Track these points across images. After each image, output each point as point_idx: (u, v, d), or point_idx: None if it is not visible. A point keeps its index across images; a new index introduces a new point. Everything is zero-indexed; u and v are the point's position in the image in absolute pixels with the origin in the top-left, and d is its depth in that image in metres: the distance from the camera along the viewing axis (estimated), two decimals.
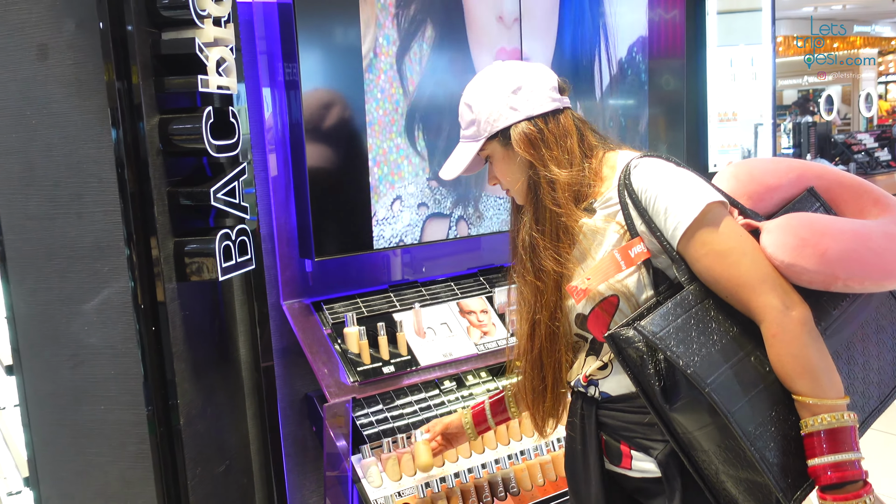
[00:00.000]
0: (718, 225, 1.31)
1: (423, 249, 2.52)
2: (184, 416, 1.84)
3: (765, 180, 1.46)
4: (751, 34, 3.46)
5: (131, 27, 1.68)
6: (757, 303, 1.28)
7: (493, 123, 1.48)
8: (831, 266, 1.27)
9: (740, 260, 1.29)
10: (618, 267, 1.37)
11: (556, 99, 1.49)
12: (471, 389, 2.33)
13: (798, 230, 1.29)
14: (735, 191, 1.45)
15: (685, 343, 1.27)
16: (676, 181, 1.35)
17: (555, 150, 1.46)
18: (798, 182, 1.47)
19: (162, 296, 1.78)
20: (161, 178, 1.76)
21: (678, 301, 1.31)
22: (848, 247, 1.28)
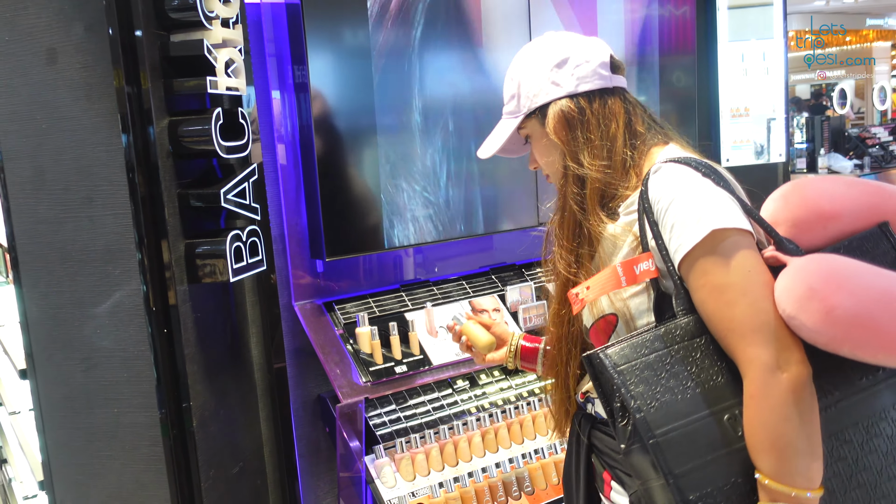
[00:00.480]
0: (725, 254, 1.11)
1: (434, 249, 2.51)
2: (197, 418, 1.84)
3: (819, 206, 1.18)
4: (762, 29, 3.43)
5: (140, 31, 1.68)
6: (744, 354, 1.08)
7: (532, 99, 1.34)
8: (836, 328, 1.02)
9: (737, 300, 1.09)
10: (617, 282, 1.21)
11: (605, 76, 1.32)
12: (484, 388, 2.32)
13: (811, 277, 1.05)
14: (779, 215, 1.19)
15: (648, 383, 1.10)
16: (692, 195, 1.15)
17: (593, 135, 1.29)
18: (869, 213, 1.19)
19: (174, 298, 1.78)
20: (171, 181, 1.76)
21: (660, 334, 1.14)
22: (865, 308, 1.02)
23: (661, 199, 1.17)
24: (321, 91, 2.11)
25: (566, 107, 1.31)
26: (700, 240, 1.11)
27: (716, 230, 1.11)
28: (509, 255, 2.69)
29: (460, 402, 2.27)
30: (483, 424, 2.24)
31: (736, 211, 1.14)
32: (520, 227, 2.58)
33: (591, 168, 1.27)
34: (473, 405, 2.27)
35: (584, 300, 1.25)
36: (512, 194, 2.53)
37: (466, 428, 2.22)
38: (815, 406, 1.06)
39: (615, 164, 1.28)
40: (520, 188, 2.54)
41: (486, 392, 2.32)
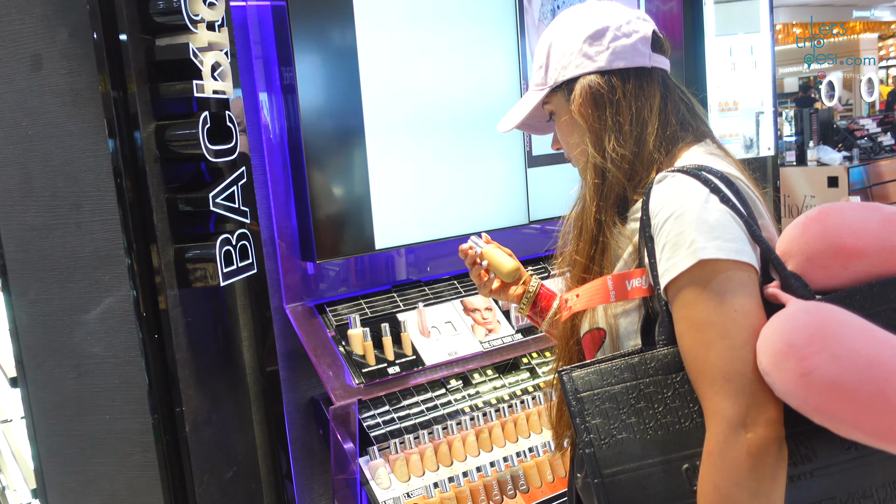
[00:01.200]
0: (712, 289, 0.98)
1: (425, 249, 2.51)
2: (189, 423, 1.83)
3: (840, 241, 1.02)
4: (749, 23, 3.44)
5: (125, 35, 1.67)
6: (710, 402, 0.97)
7: (560, 71, 1.21)
8: (809, 394, 0.89)
9: (715, 342, 0.97)
10: (606, 296, 1.11)
11: (644, 54, 1.18)
12: (477, 388, 2.32)
13: (794, 331, 0.92)
14: (794, 245, 1.05)
15: (607, 417, 1.00)
16: (690, 215, 1.02)
17: (622, 118, 1.16)
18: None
19: (164, 303, 1.78)
20: (159, 186, 1.76)
21: (633, 363, 1.04)
22: (845, 378, 0.87)
23: (658, 213, 1.06)
24: (309, 92, 2.11)
25: (596, 83, 1.18)
26: (688, 268, 1.00)
27: (706, 260, 0.99)
28: None
29: (454, 402, 2.27)
30: (477, 423, 2.24)
31: (738, 238, 1.01)
32: (511, 225, 2.58)
33: (614, 158, 1.15)
34: (467, 404, 2.27)
35: (570, 308, 1.17)
36: (502, 193, 2.53)
37: (460, 427, 2.22)
38: (778, 475, 0.94)
39: (641, 156, 1.16)
40: (511, 185, 2.55)
41: (480, 391, 2.32)
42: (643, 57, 1.19)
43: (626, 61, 1.18)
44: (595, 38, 1.18)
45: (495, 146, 2.50)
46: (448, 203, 2.41)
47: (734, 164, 1.17)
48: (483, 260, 1.53)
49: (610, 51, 1.18)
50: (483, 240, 1.55)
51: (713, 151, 1.18)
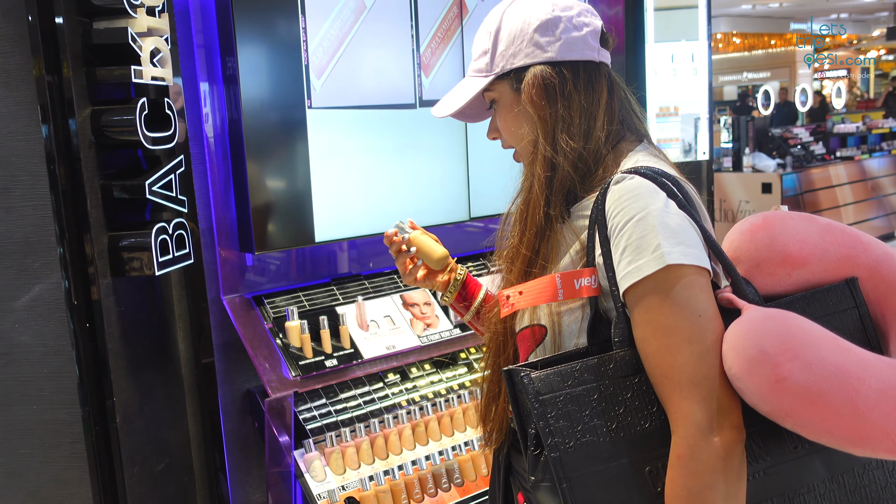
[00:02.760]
0: (677, 294, 0.99)
1: (365, 243, 2.52)
2: (120, 414, 1.81)
3: (787, 250, 1.07)
4: (689, 30, 3.53)
5: (61, 18, 1.64)
6: (677, 407, 0.98)
7: (509, 59, 1.18)
8: (783, 400, 0.92)
9: (682, 346, 0.98)
10: (554, 294, 1.10)
11: (594, 48, 1.17)
12: (415, 382, 2.34)
13: (766, 338, 0.94)
14: (742, 251, 1.08)
15: (570, 419, 0.99)
16: (652, 219, 1.02)
17: (573, 111, 1.15)
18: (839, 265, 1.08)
19: (96, 292, 1.75)
20: (94, 172, 1.73)
21: (592, 365, 1.03)
22: (818, 385, 0.91)
23: (617, 215, 1.05)
24: (251, 83, 2.09)
25: (548, 73, 1.15)
26: (653, 272, 1.00)
27: (672, 266, 0.99)
28: None
29: (391, 396, 2.28)
30: (413, 417, 2.26)
31: (697, 244, 1.03)
32: (452, 221, 2.60)
33: (565, 151, 1.13)
34: (404, 398, 2.29)
35: (513, 305, 1.15)
36: (444, 188, 2.55)
37: (397, 421, 2.23)
38: (743, 475, 0.97)
39: (590, 151, 1.15)
40: (452, 182, 2.57)
41: (417, 385, 2.34)
42: (592, 51, 1.17)
43: (577, 54, 1.16)
44: (547, 27, 1.16)
45: (437, 142, 2.51)
46: (389, 198, 2.42)
47: (674, 167, 1.18)
48: (411, 247, 1.48)
49: (562, 42, 1.15)
50: (408, 225, 1.50)
51: (656, 154, 1.18)
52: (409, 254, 1.48)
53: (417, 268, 1.49)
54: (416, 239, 1.47)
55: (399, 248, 1.49)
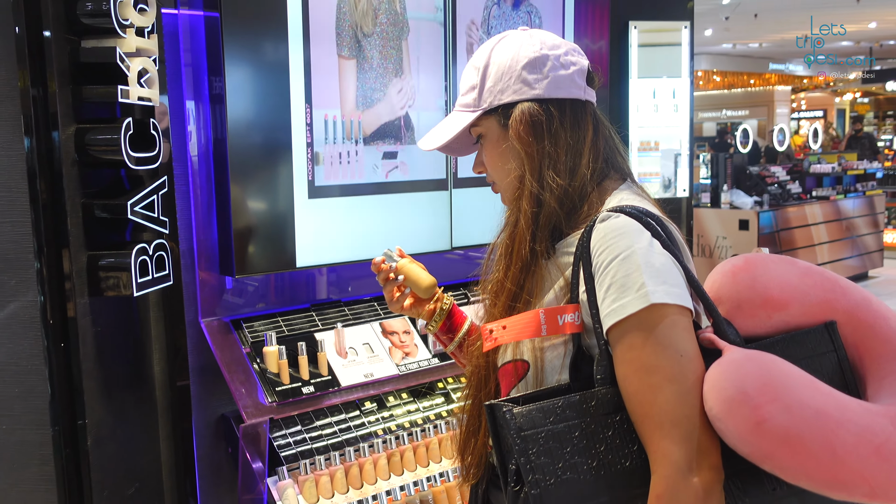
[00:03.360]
0: (660, 333, 1.00)
1: (347, 269, 2.51)
2: (92, 436, 1.78)
3: (768, 292, 1.08)
4: (672, 67, 3.59)
5: (49, 33, 1.63)
6: (657, 446, 0.98)
7: (497, 95, 1.19)
8: (763, 442, 0.93)
9: (663, 386, 0.99)
10: (537, 329, 1.10)
11: (580, 87, 1.19)
12: (392, 411, 2.32)
13: (746, 379, 0.95)
14: (724, 292, 1.10)
15: (552, 456, 0.99)
16: (637, 257, 1.03)
17: (560, 148, 1.16)
18: (818, 309, 1.08)
19: (73, 311, 1.72)
20: (76, 190, 1.71)
21: (574, 402, 1.02)
22: (797, 429, 0.92)
23: (602, 252, 1.06)
24: (237, 104, 2.09)
25: (535, 110, 1.16)
26: (636, 311, 1.01)
27: (656, 305, 1.01)
28: None
29: (367, 424, 2.26)
30: (389, 447, 2.24)
31: (680, 283, 1.04)
32: (434, 250, 2.60)
33: (552, 187, 1.15)
34: (380, 427, 2.27)
35: (496, 339, 1.15)
36: (427, 217, 2.55)
37: (372, 450, 2.21)
38: None
39: (576, 188, 1.16)
40: (435, 211, 2.57)
41: (394, 414, 2.32)
42: (579, 89, 1.19)
43: (564, 92, 1.18)
44: (535, 65, 1.18)
45: (421, 170, 2.52)
46: (372, 225, 2.41)
47: (657, 206, 1.20)
48: (398, 275, 1.46)
49: (549, 79, 1.17)
50: (396, 253, 1.48)
51: (639, 193, 1.20)
52: (397, 282, 1.48)
53: (405, 296, 1.49)
54: (405, 267, 1.46)
55: (387, 276, 1.48)
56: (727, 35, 14.38)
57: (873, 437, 0.94)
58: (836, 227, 8.32)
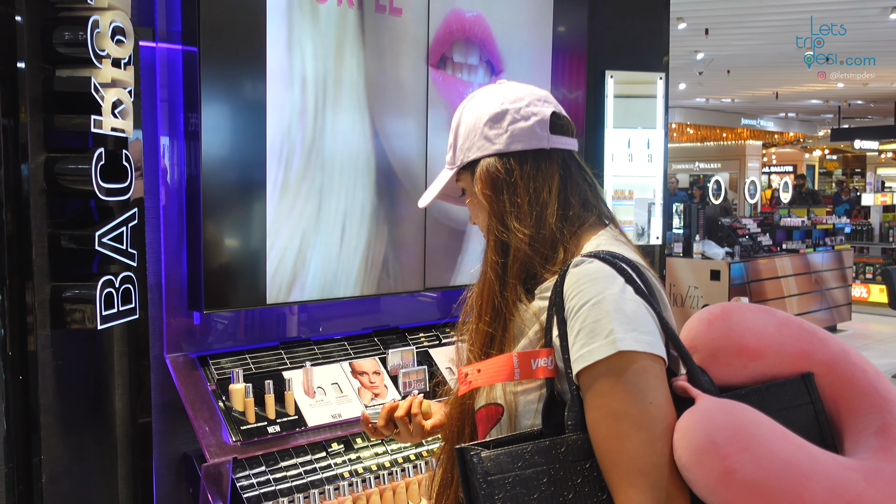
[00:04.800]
0: (629, 380, 0.99)
1: (317, 308, 2.48)
2: (47, 473, 1.72)
3: (743, 342, 1.07)
4: (647, 119, 3.65)
5: (23, 63, 1.62)
6: (624, 495, 0.97)
7: (465, 152, 1.25)
8: (731, 493, 0.91)
9: (631, 434, 0.98)
10: (510, 373, 1.10)
11: (542, 137, 1.22)
12: (359, 453, 2.28)
13: (715, 428, 0.94)
14: (699, 340, 1.09)
15: (517, 502, 0.98)
16: (607, 303, 1.03)
17: (520, 199, 1.19)
18: (795, 360, 1.07)
19: (33, 343, 1.68)
20: (43, 219, 1.69)
21: (544, 447, 1.01)
22: (766, 480, 0.90)
23: (574, 297, 1.06)
24: (212, 141, 2.08)
25: (494, 166, 1.21)
26: (604, 357, 1.00)
27: (624, 352, 1.00)
28: (393, 319, 2.69)
29: (334, 466, 2.22)
30: (356, 490, 2.19)
31: (652, 331, 1.04)
32: (406, 290, 2.59)
33: (518, 236, 1.17)
34: (347, 469, 2.22)
35: (470, 383, 1.15)
36: (399, 258, 2.54)
37: (338, 493, 2.16)
38: None
39: (543, 236, 1.17)
40: (408, 252, 2.56)
41: (361, 456, 2.28)
42: (541, 139, 1.22)
43: (523, 143, 1.21)
44: (495, 120, 1.22)
45: (396, 211, 2.52)
46: (344, 264, 2.40)
47: (637, 252, 1.20)
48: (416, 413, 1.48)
49: (508, 133, 1.21)
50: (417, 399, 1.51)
51: (619, 238, 1.20)
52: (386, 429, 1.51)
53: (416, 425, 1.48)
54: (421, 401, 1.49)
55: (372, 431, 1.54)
56: (700, 90, 14.71)
57: (844, 492, 0.92)
58: (806, 279, 8.44)
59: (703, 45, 10.13)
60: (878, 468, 0.96)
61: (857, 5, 8.15)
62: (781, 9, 8.42)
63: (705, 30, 9.09)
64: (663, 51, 3.67)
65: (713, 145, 19.31)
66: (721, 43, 10.18)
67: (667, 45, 3.70)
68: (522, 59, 2.87)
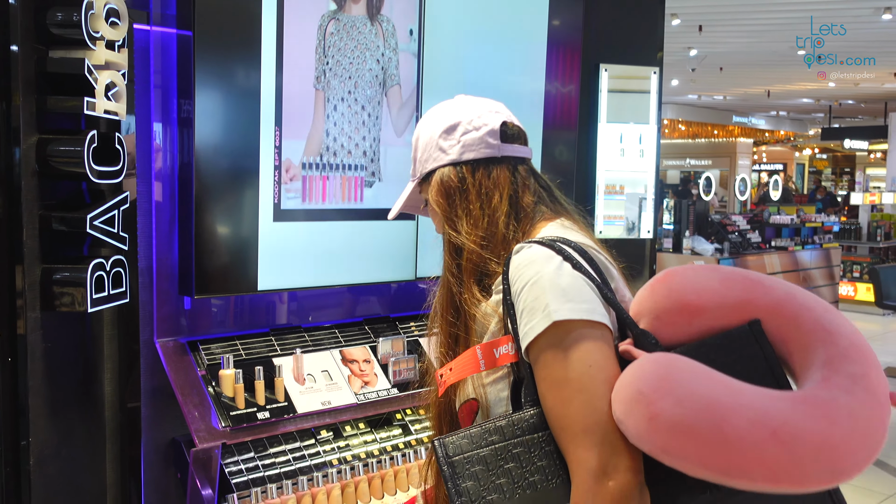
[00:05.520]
0: (566, 348, 1.05)
1: (308, 295, 2.48)
2: (35, 456, 1.72)
3: (683, 299, 1.09)
4: (640, 114, 3.65)
5: (16, 45, 1.61)
6: (573, 456, 1.02)
7: (423, 164, 1.34)
8: (657, 437, 0.94)
9: (573, 397, 1.03)
10: (476, 365, 1.17)
11: (493, 145, 1.29)
12: (348, 441, 2.28)
13: (641, 379, 0.98)
14: (644, 306, 1.12)
15: (478, 479, 1.02)
16: (544, 281, 1.10)
17: (472, 205, 1.26)
18: (739, 310, 1.07)
19: (23, 326, 1.68)
20: (34, 201, 1.68)
21: (500, 426, 1.07)
22: (687, 418, 0.93)
23: (517, 281, 1.13)
24: (205, 128, 2.07)
25: (447, 175, 1.30)
26: (542, 330, 1.07)
27: (558, 322, 1.06)
28: (384, 307, 2.69)
29: (322, 454, 2.22)
30: (344, 477, 2.19)
31: (589, 300, 1.09)
32: (397, 279, 2.59)
33: (469, 237, 1.24)
34: (335, 457, 2.23)
35: (444, 382, 1.22)
36: (391, 246, 2.54)
37: (326, 480, 2.17)
38: None
39: (496, 237, 1.24)
40: (400, 240, 2.57)
41: (350, 444, 2.28)
42: (492, 148, 1.30)
43: (475, 153, 1.29)
44: (448, 132, 1.31)
45: (388, 199, 2.52)
46: (336, 253, 2.40)
47: (589, 237, 1.26)
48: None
49: (460, 144, 1.30)
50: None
51: (566, 225, 1.27)
52: None
53: None
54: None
55: None
56: (693, 86, 14.73)
57: (768, 421, 0.92)
58: (794, 277, 8.48)
59: (696, 41, 10.15)
60: (810, 396, 0.95)
61: (851, 5, 8.17)
62: (775, 7, 8.44)
63: (699, 26, 9.10)
64: (658, 46, 3.67)
65: (704, 142, 19.37)
66: (714, 40, 10.20)
67: (661, 40, 3.71)
68: (516, 51, 2.87)
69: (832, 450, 0.90)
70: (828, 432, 0.91)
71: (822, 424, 0.92)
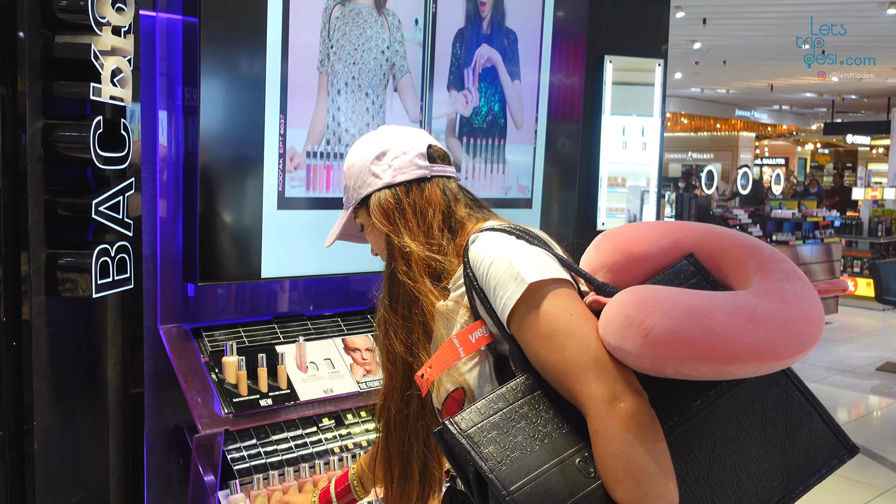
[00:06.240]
0: (546, 304, 1.16)
1: (311, 283, 2.49)
2: (39, 440, 1.73)
3: (627, 249, 1.26)
4: (643, 107, 3.65)
5: (22, 30, 1.61)
6: (582, 393, 1.10)
7: (358, 190, 1.43)
8: (656, 348, 1.05)
9: (565, 343, 1.13)
10: (455, 354, 1.26)
11: (422, 167, 1.41)
12: (349, 429, 2.29)
13: (626, 306, 1.09)
14: (594, 262, 1.27)
15: (497, 443, 1.10)
16: (507, 256, 1.21)
17: (410, 222, 1.38)
18: (674, 249, 1.25)
19: (27, 311, 1.68)
20: (39, 186, 1.68)
21: (501, 393, 1.16)
22: (677, 324, 1.05)
23: (481, 265, 1.23)
24: (210, 116, 2.07)
25: (384, 197, 1.39)
26: (520, 296, 1.16)
27: (533, 283, 1.16)
28: None
29: (324, 441, 2.23)
30: (345, 464, 2.20)
31: (551, 263, 1.22)
32: None
33: (413, 244, 1.35)
34: (337, 444, 2.24)
35: (427, 380, 1.28)
36: None
37: (328, 467, 2.18)
38: (657, 429, 1.08)
39: (435, 240, 1.36)
40: None
41: (352, 432, 2.29)
42: (421, 169, 1.40)
43: (406, 174, 1.40)
44: (378, 158, 1.41)
45: None
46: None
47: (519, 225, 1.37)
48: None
49: (392, 168, 1.40)
50: None
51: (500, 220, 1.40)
52: None
53: None
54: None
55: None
56: (696, 79, 14.71)
57: (742, 311, 1.07)
58: None
59: (700, 34, 10.12)
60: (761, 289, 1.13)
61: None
62: (780, 1, 8.41)
63: (703, 19, 9.07)
64: (662, 38, 3.67)
65: (706, 135, 19.35)
66: (718, 33, 10.17)
67: (666, 32, 3.70)
68: (521, 42, 2.87)
69: (794, 323, 1.07)
70: (787, 310, 1.08)
71: (781, 305, 1.08)
